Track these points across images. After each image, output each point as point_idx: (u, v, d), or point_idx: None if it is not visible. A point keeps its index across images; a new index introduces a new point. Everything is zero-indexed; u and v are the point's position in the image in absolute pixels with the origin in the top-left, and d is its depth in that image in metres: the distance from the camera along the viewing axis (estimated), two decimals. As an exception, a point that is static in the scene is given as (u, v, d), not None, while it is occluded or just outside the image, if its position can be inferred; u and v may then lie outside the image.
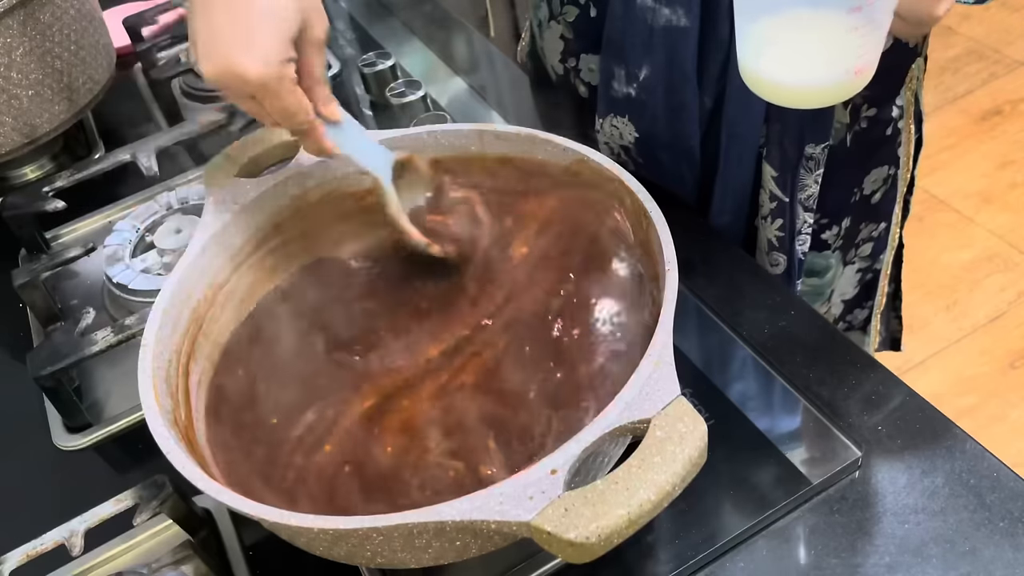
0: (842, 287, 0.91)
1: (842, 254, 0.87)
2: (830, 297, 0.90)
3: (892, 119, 0.78)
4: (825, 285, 0.89)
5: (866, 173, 0.81)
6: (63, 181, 0.82)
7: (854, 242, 0.87)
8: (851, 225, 0.84)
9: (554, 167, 0.60)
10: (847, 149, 0.77)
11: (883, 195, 0.84)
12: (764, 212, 0.79)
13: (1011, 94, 2.15)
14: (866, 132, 0.77)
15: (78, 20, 0.87)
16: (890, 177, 0.83)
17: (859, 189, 0.82)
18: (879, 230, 0.87)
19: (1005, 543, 0.51)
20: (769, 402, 0.60)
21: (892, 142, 0.81)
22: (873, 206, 0.84)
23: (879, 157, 0.81)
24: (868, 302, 0.95)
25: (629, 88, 0.75)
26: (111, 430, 0.68)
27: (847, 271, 0.89)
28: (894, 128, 0.79)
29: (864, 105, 0.75)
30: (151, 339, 0.52)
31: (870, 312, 0.96)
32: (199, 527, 0.57)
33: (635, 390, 0.43)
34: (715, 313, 0.66)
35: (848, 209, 0.83)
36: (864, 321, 0.96)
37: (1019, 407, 1.56)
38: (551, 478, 0.40)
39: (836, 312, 0.94)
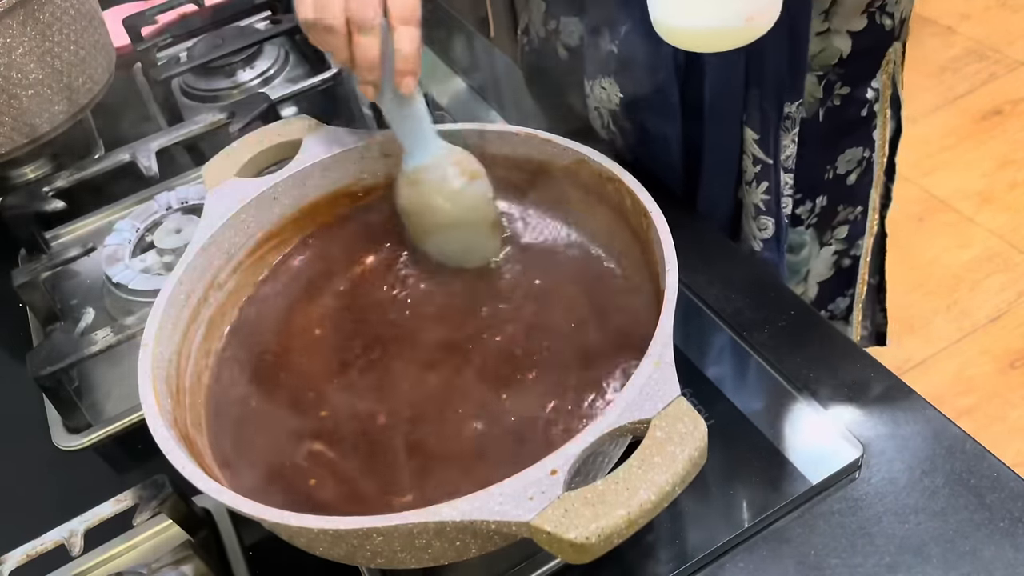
0: (817, 268, 0.92)
1: (817, 233, 0.88)
2: (806, 277, 0.91)
3: (867, 100, 0.80)
4: (800, 263, 0.90)
5: (840, 152, 0.83)
6: (63, 181, 0.82)
7: (830, 223, 0.88)
8: (828, 205, 0.86)
9: (554, 167, 0.60)
10: (819, 124, 0.79)
11: (858, 178, 0.85)
12: (748, 177, 0.80)
13: (1011, 94, 2.14)
14: (840, 110, 0.79)
15: (78, 20, 0.87)
16: (865, 160, 0.84)
17: (832, 167, 0.83)
18: (855, 213, 0.89)
19: (1005, 543, 0.51)
20: (769, 402, 0.60)
21: (867, 124, 0.82)
22: (849, 188, 0.86)
23: (853, 138, 0.82)
24: (849, 290, 0.96)
25: (612, 45, 0.76)
26: (111, 430, 0.68)
27: (823, 252, 0.90)
28: (869, 110, 0.81)
29: (838, 83, 0.77)
30: (151, 339, 0.52)
31: (851, 301, 0.97)
32: (199, 527, 0.57)
33: (635, 390, 0.43)
34: (715, 313, 0.66)
35: (822, 187, 0.84)
36: (846, 310, 0.97)
37: (1019, 407, 1.56)
38: (551, 478, 0.40)
39: (812, 294, 0.95)
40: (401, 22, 0.53)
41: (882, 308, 1.02)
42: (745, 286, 0.68)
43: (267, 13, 1.11)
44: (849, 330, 1.00)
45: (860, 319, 0.99)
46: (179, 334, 0.55)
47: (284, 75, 1.04)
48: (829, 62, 0.75)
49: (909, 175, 1.96)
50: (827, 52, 0.74)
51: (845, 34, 0.74)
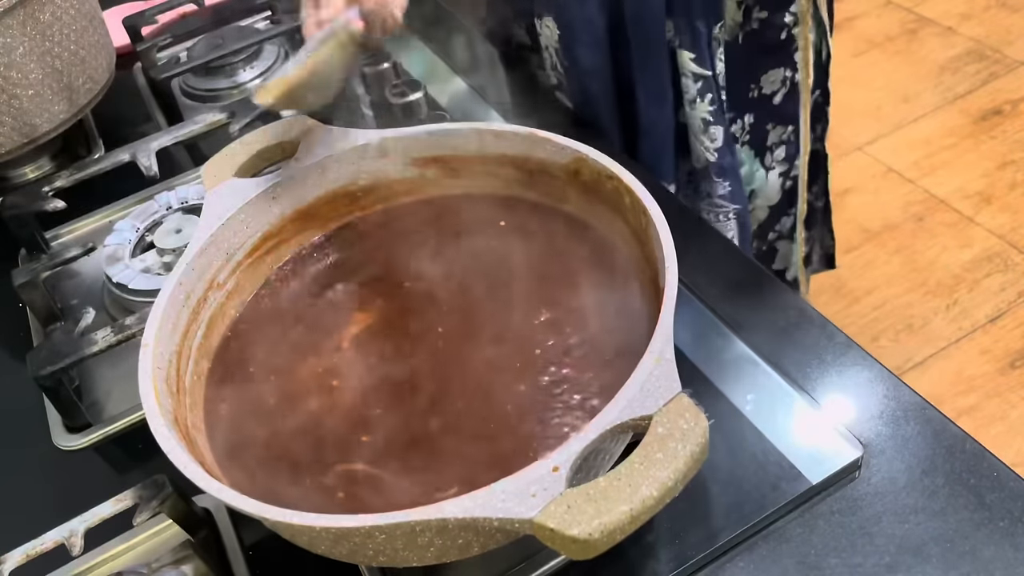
0: (767, 193, 0.98)
1: (756, 155, 0.93)
2: (751, 198, 0.96)
3: (785, 25, 0.85)
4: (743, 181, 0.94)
5: (762, 72, 0.88)
6: (63, 181, 0.82)
7: (766, 144, 0.94)
8: (756, 123, 0.91)
9: (553, 165, 0.60)
10: (740, 47, 0.84)
11: (784, 97, 0.91)
12: (691, 95, 0.85)
13: (1011, 94, 2.15)
14: (759, 33, 0.85)
15: (78, 20, 0.87)
16: (788, 80, 0.90)
17: (756, 86, 0.89)
18: (787, 133, 0.94)
19: (1005, 543, 0.51)
20: (769, 402, 0.60)
21: (787, 47, 0.88)
22: (776, 107, 0.91)
23: (774, 59, 0.88)
24: (791, 209, 1.01)
25: None
26: (111, 430, 0.68)
27: (770, 177, 0.96)
28: (788, 34, 0.86)
29: (756, 7, 0.83)
30: (151, 339, 0.52)
31: (794, 219, 1.02)
32: (199, 527, 0.57)
33: (636, 387, 0.43)
34: (715, 313, 0.66)
35: (748, 105, 0.90)
36: (790, 229, 1.03)
37: (1019, 407, 1.55)
38: (553, 475, 0.40)
39: (762, 217, 1.00)
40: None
41: (830, 229, 1.09)
42: (745, 286, 0.68)
43: (267, 13, 1.11)
44: (793, 247, 1.06)
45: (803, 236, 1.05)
46: (179, 334, 0.55)
47: (284, 75, 1.04)
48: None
49: (909, 175, 1.96)
50: None
51: None
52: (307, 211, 0.64)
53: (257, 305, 0.62)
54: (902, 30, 2.39)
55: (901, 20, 2.42)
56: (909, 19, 2.42)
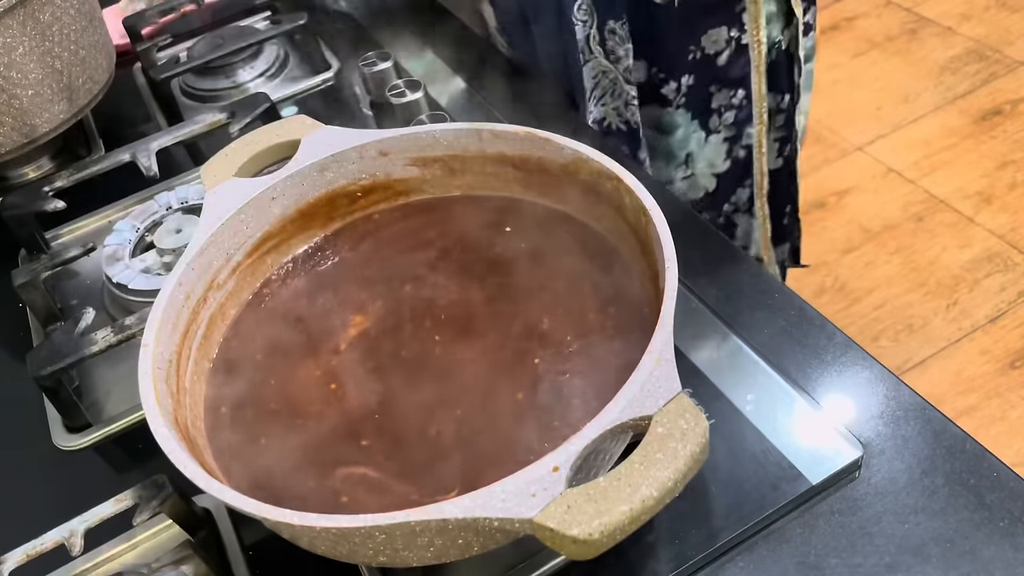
0: (708, 156, 0.93)
1: (695, 117, 0.89)
2: (688, 162, 0.93)
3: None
4: (676, 146, 0.91)
5: (701, 32, 0.84)
6: (63, 181, 0.82)
7: (710, 107, 0.89)
8: (696, 84, 0.87)
9: (553, 165, 0.60)
10: (676, 9, 0.81)
11: (729, 59, 0.86)
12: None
13: (1011, 94, 2.15)
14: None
15: (78, 20, 0.87)
16: (733, 40, 0.85)
17: (696, 48, 0.85)
18: (738, 98, 0.90)
19: (1005, 543, 0.51)
20: (769, 402, 0.60)
21: (730, 5, 0.84)
22: (721, 68, 0.87)
23: (716, 18, 0.84)
24: (747, 180, 0.97)
25: None
26: (111, 430, 0.68)
27: (712, 140, 0.92)
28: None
29: None
30: (151, 339, 0.52)
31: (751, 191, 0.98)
32: (199, 527, 0.57)
33: (636, 387, 0.43)
34: (715, 313, 0.66)
35: (686, 67, 0.86)
36: (748, 202, 0.99)
37: (1019, 407, 1.56)
38: (553, 475, 0.40)
39: (709, 185, 0.96)
40: None
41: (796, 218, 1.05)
42: (745, 286, 0.68)
43: (267, 13, 1.11)
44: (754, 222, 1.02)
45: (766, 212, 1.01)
46: (179, 334, 0.55)
47: (284, 75, 1.04)
48: None
49: (909, 175, 1.96)
50: None
51: None
52: (307, 211, 0.64)
53: (257, 305, 0.62)
54: (902, 30, 2.39)
55: (901, 20, 2.42)
56: (909, 19, 2.42)
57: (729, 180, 0.96)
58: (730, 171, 0.95)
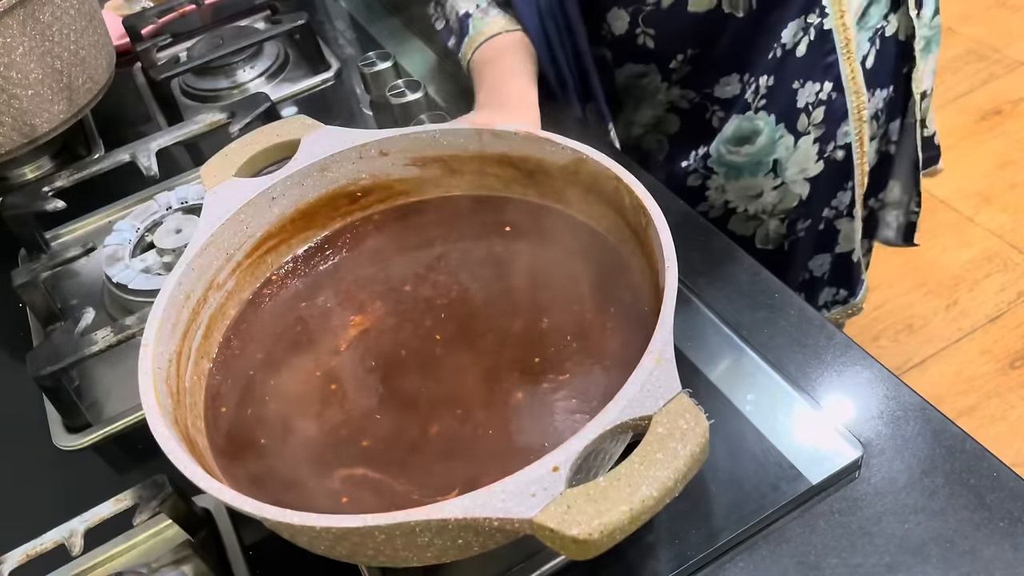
0: (799, 162, 0.86)
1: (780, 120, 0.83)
2: (776, 170, 0.86)
3: None
4: (763, 152, 0.85)
5: (783, 26, 0.78)
6: (63, 181, 0.82)
7: (796, 107, 0.82)
8: (777, 84, 0.81)
9: (553, 166, 0.60)
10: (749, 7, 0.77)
11: (810, 47, 0.80)
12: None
13: (1011, 94, 2.15)
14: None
15: (78, 20, 0.87)
16: (812, 27, 0.79)
17: (778, 44, 0.79)
18: (824, 92, 0.82)
19: (1005, 543, 0.51)
20: (769, 402, 0.60)
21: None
22: (800, 60, 0.80)
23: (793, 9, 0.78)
24: (848, 183, 0.90)
25: None
26: (111, 430, 0.68)
27: (801, 144, 0.85)
28: None
29: None
30: (151, 339, 0.52)
31: (852, 194, 0.91)
32: (199, 527, 0.57)
33: (636, 387, 0.43)
34: (715, 313, 0.66)
35: (765, 66, 0.80)
36: (849, 205, 0.92)
37: (1019, 407, 1.56)
38: (553, 475, 0.40)
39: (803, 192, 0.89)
40: None
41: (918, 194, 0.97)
42: (745, 286, 0.68)
43: (267, 13, 1.11)
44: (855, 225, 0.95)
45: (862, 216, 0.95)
46: (179, 334, 0.55)
47: (284, 75, 1.04)
48: None
49: (909, 175, 1.96)
50: None
51: None
52: (307, 211, 0.64)
53: (257, 305, 0.62)
54: (902, 30, 2.39)
55: (901, 20, 2.42)
56: (909, 19, 2.42)
57: (825, 184, 0.88)
58: (824, 174, 0.87)
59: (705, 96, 0.85)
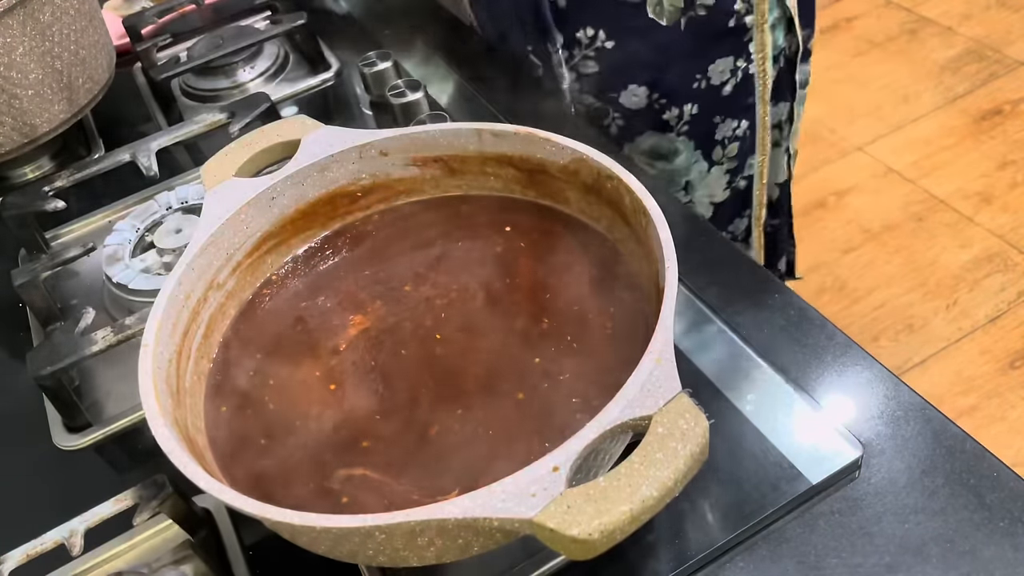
0: (709, 187, 0.91)
1: (698, 147, 0.87)
2: (687, 189, 0.90)
3: (735, 12, 0.80)
4: (677, 172, 0.89)
5: (710, 62, 0.82)
6: (63, 181, 0.82)
7: (715, 138, 0.87)
8: (701, 114, 0.85)
9: (553, 166, 0.60)
10: (682, 33, 0.79)
11: (735, 88, 0.85)
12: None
13: (1011, 94, 2.15)
14: (705, 20, 0.79)
15: (78, 20, 0.87)
16: (740, 71, 0.84)
17: (703, 76, 0.83)
18: (741, 129, 0.88)
19: (1005, 543, 0.51)
20: (769, 402, 0.60)
21: (738, 35, 0.82)
22: (725, 99, 0.85)
23: (723, 48, 0.82)
24: (746, 211, 0.95)
25: None
26: (111, 430, 0.68)
27: (714, 172, 0.89)
28: (739, 21, 0.81)
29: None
30: (151, 339, 0.52)
31: (749, 222, 0.96)
32: (199, 527, 0.57)
33: (636, 387, 0.43)
34: (715, 313, 0.66)
35: (692, 95, 0.84)
36: (745, 232, 0.97)
37: (1019, 407, 1.56)
38: (553, 475, 0.40)
39: (705, 213, 0.94)
40: None
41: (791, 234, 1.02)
42: (745, 286, 0.68)
43: (267, 13, 1.11)
44: (751, 253, 0.99)
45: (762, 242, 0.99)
46: (179, 334, 0.55)
47: (284, 75, 1.04)
48: None
49: (909, 175, 1.96)
50: None
51: None
52: (307, 211, 0.64)
53: (257, 305, 0.62)
54: (902, 30, 2.40)
55: (901, 20, 2.43)
56: (909, 19, 2.42)
57: (726, 209, 0.94)
58: (728, 201, 0.93)
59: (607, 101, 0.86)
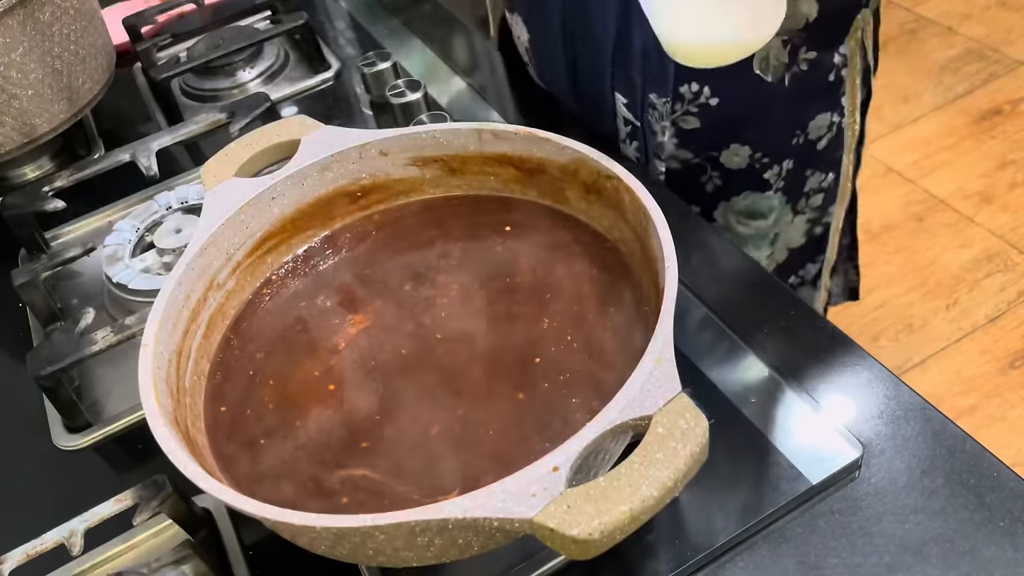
0: (789, 235, 0.91)
1: (789, 200, 0.87)
2: (774, 241, 0.91)
3: (834, 65, 0.80)
4: (769, 228, 0.89)
5: (810, 117, 0.82)
6: (63, 181, 0.82)
7: (803, 190, 0.87)
8: (795, 168, 0.85)
9: (553, 166, 0.60)
10: (786, 89, 0.78)
11: (828, 143, 0.84)
12: (622, 136, 0.83)
13: (1011, 94, 2.15)
14: (807, 75, 0.78)
15: (78, 19, 0.87)
16: (835, 125, 0.84)
17: (803, 132, 0.83)
18: (828, 181, 0.88)
19: (1005, 543, 0.51)
20: (769, 402, 0.60)
21: (835, 90, 0.82)
22: (819, 152, 0.85)
23: (822, 103, 0.82)
24: (819, 256, 0.95)
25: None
26: (111, 430, 0.68)
27: (796, 221, 0.89)
28: (836, 76, 0.80)
29: (803, 47, 0.76)
30: (151, 339, 0.52)
31: (820, 267, 0.96)
32: (199, 527, 0.57)
33: (636, 387, 0.43)
34: (715, 313, 0.66)
35: (790, 151, 0.84)
36: (815, 276, 0.97)
37: (1019, 407, 1.56)
38: (553, 475, 0.40)
39: (780, 258, 0.94)
40: None
41: (855, 265, 1.02)
42: (745, 286, 0.68)
43: (267, 13, 1.11)
44: (816, 294, 1.00)
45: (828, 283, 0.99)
46: (179, 334, 0.55)
47: (284, 75, 1.04)
48: (795, 27, 0.74)
49: (909, 175, 1.96)
50: (794, 17, 0.73)
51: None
52: (307, 211, 0.64)
53: (257, 305, 0.62)
54: (902, 30, 2.39)
55: (901, 20, 2.42)
56: (909, 19, 2.42)
57: (800, 255, 0.94)
58: (804, 247, 0.93)
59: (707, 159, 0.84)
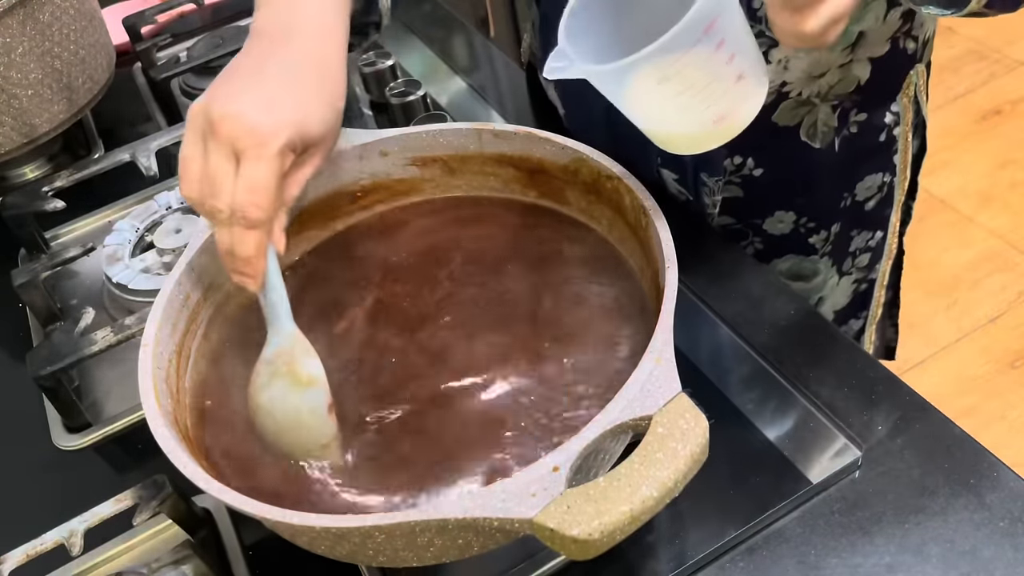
0: (835, 298, 0.88)
1: (834, 263, 0.84)
2: (818, 304, 0.88)
3: (886, 125, 0.76)
4: (813, 291, 0.86)
5: (859, 179, 0.78)
6: (62, 181, 0.82)
7: (848, 251, 0.84)
8: (841, 231, 0.82)
9: (553, 166, 0.60)
10: (835, 155, 0.75)
11: (877, 203, 0.81)
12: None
13: (1011, 94, 2.15)
14: (857, 137, 0.75)
15: (78, 19, 0.87)
16: (885, 184, 0.80)
17: (850, 195, 0.79)
18: (875, 239, 0.84)
19: (1005, 543, 0.51)
20: (769, 402, 0.60)
21: (887, 149, 0.78)
22: (867, 213, 0.81)
23: (873, 164, 0.78)
24: (863, 312, 0.93)
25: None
26: (111, 430, 0.68)
27: (843, 282, 0.86)
28: (888, 135, 0.77)
29: (854, 110, 0.73)
30: (151, 339, 0.52)
31: (864, 323, 0.94)
32: (199, 527, 0.57)
33: (636, 387, 0.43)
34: (715, 313, 0.66)
35: (838, 215, 0.80)
36: (858, 332, 0.94)
37: (1019, 407, 1.56)
38: (553, 475, 0.40)
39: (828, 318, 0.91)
40: (246, 224, 0.49)
41: (893, 323, 0.99)
42: (745, 286, 0.68)
43: (267, 13, 1.10)
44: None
45: (872, 338, 0.96)
46: (179, 334, 0.55)
47: (284, 75, 1.04)
48: (846, 91, 0.71)
49: (909, 175, 1.96)
50: (845, 81, 0.70)
51: (866, 61, 0.70)
52: (307, 211, 0.64)
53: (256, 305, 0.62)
54: (902, 30, 2.39)
55: (901, 20, 2.42)
56: (909, 19, 2.41)
57: (845, 314, 0.91)
58: (849, 305, 0.90)
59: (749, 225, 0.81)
